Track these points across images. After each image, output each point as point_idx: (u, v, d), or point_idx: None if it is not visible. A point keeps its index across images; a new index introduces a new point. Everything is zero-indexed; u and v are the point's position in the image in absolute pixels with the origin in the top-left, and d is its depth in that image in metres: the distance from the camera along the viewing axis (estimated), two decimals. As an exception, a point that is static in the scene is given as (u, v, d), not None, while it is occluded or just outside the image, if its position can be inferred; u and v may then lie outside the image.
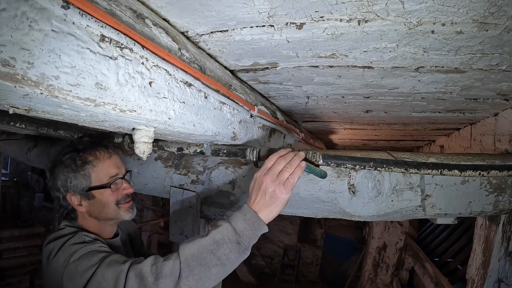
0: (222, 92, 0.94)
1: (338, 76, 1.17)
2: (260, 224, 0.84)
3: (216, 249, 0.81)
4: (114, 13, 0.55)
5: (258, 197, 0.86)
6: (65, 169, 1.03)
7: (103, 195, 1.05)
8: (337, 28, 0.77)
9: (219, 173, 1.50)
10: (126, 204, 1.10)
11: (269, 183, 0.85)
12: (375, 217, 1.29)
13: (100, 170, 1.05)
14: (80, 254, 0.89)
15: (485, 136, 1.74)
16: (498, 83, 1.14)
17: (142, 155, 0.84)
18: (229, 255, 0.81)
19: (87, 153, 1.05)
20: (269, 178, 0.85)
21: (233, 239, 0.82)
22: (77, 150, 1.06)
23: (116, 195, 1.08)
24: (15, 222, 6.41)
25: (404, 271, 4.57)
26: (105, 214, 1.07)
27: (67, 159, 1.04)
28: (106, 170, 1.06)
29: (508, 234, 1.36)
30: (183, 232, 1.61)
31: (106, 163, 1.07)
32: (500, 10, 0.66)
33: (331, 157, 1.04)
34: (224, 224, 0.84)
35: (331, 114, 1.98)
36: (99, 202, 1.05)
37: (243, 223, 0.84)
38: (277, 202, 0.85)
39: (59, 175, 1.03)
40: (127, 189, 1.11)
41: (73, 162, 1.03)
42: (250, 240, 0.84)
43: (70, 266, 0.87)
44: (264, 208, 0.85)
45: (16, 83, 0.44)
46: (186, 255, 0.82)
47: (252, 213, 0.85)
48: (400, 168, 1.06)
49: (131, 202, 1.13)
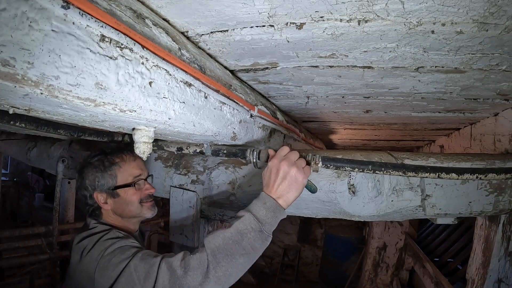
0: (222, 92, 0.94)
1: (338, 76, 1.17)
2: (280, 210, 0.88)
3: (240, 239, 0.84)
4: (114, 13, 0.55)
5: (277, 182, 0.89)
6: (93, 169, 1.12)
7: (127, 193, 1.13)
8: (337, 28, 0.77)
9: (219, 173, 1.50)
10: (148, 203, 1.19)
11: (288, 167, 0.89)
12: (375, 217, 1.29)
13: (125, 171, 1.14)
14: (114, 247, 0.94)
15: (485, 136, 1.74)
16: (498, 83, 1.14)
17: (142, 155, 0.84)
18: (254, 243, 0.84)
19: (114, 156, 1.15)
20: (288, 163, 0.89)
21: (256, 227, 0.85)
22: (105, 153, 1.15)
23: (139, 194, 1.16)
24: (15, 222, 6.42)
25: (404, 271, 4.57)
26: (128, 211, 1.14)
27: (96, 160, 1.13)
28: (131, 171, 1.15)
29: (508, 234, 1.36)
30: (183, 232, 1.61)
31: (131, 164, 1.16)
32: (500, 10, 0.66)
33: (330, 160, 1.04)
34: (246, 214, 0.87)
35: (331, 114, 1.98)
36: (124, 200, 1.13)
37: (264, 211, 0.87)
38: (296, 186, 0.89)
39: (87, 175, 1.12)
40: (149, 189, 1.19)
41: (101, 164, 1.12)
42: (271, 227, 0.87)
43: (104, 259, 0.91)
44: (284, 193, 0.89)
45: (16, 83, 0.44)
46: (212, 247, 0.84)
47: (271, 200, 0.88)
48: (398, 172, 1.07)
49: (153, 201, 1.22)
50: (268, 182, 0.91)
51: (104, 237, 1.01)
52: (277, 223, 0.89)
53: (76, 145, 2.11)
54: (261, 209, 0.87)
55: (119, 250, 0.93)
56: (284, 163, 0.89)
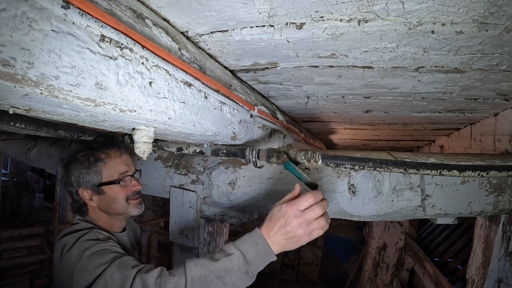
0: (222, 92, 0.94)
1: (338, 76, 1.17)
2: (270, 256, 0.84)
3: (224, 276, 0.81)
4: (114, 13, 0.55)
5: (279, 234, 0.84)
6: (79, 165, 1.10)
7: (112, 190, 1.11)
8: (337, 28, 0.77)
9: (219, 173, 1.50)
10: (134, 200, 1.16)
11: (297, 229, 0.82)
12: (375, 217, 1.29)
13: (111, 167, 1.12)
14: (93, 250, 0.93)
15: (485, 136, 1.74)
16: (498, 83, 1.14)
17: (142, 155, 0.84)
18: (236, 282, 0.82)
19: (99, 151, 1.12)
20: (299, 223, 0.82)
21: (242, 269, 0.82)
22: (90, 148, 1.13)
23: (126, 191, 1.14)
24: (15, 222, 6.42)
25: (404, 271, 4.57)
26: (114, 208, 1.13)
27: (81, 156, 1.11)
28: (117, 167, 1.13)
29: (508, 234, 1.36)
30: (183, 232, 1.61)
31: (116, 161, 1.14)
32: (500, 10, 0.66)
33: (330, 157, 1.04)
34: (235, 253, 0.83)
35: (331, 114, 1.98)
36: (109, 197, 1.11)
37: (254, 252, 0.83)
38: (295, 245, 0.85)
39: (73, 171, 1.11)
40: (136, 186, 1.17)
41: (86, 159, 1.10)
42: (257, 269, 0.84)
43: (82, 261, 0.90)
44: (279, 244, 0.85)
45: (16, 83, 0.44)
46: (193, 276, 0.82)
47: (265, 244, 0.84)
48: (399, 169, 1.06)
49: (140, 198, 1.19)
50: (271, 226, 0.85)
51: (84, 237, 0.99)
52: (264, 266, 0.85)
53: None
54: (252, 249, 0.83)
55: (97, 254, 0.91)
56: (297, 222, 0.82)
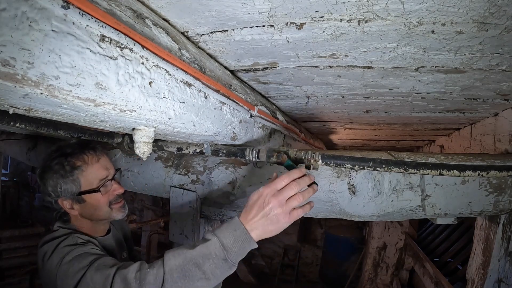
0: (222, 92, 0.94)
1: (338, 76, 1.17)
2: (249, 242, 0.81)
3: (201, 263, 0.79)
4: (114, 13, 0.55)
5: (258, 216, 0.82)
6: (54, 174, 1.03)
7: (93, 198, 1.06)
8: (337, 28, 0.77)
9: (219, 173, 1.50)
10: (117, 204, 1.11)
11: (275, 206, 0.81)
12: (375, 217, 1.29)
13: (89, 174, 1.05)
14: (72, 256, 0.91)
15: (485, 136, 1.74)
16: (498, 83, 1.14)
17: (142, 155, 0.84)
18: (215, 270, 0.80)
19: (75, 158, 1.05)
20: (277, 201, 0.81)
21: (220, 255, 0.79)
22: (65, 154, 1.05)
23: (107, 196, 1.09)
24: (15, 222, 6.42)
25: (404, 271, 4.57)
26: (97, 216, 1.09)
27: (55, 164, 1.03)
28: (95, 173, 1.07)
29: (508, 234, 1.36)
30: (183, 232, 1.61)
31: (94, 166, 1.07)
32: (500, 10, 0.66)
33: (330, 157, 1.04)
34: (213, 238, 0.81)
35: (331, 114, 1.98)
36: (91, 205, 1.06)
37: (232, 239, 0.81)
38: (275, 227, 0.83)
39: (48, 181, 1.03)
40: (118, 190, 1.12)
41: (61, 168, 1.03)
42: (237, 257, 0.81)
43: (63, 267, 0.89)
44: (259, 228, 0.82)
45: (16, 83, 0.44)
46: (171, 265, 0.80)
47: (243, 230, 0.81)
48: (399, 168, 1.06)
49: (123, 201, 1.14)
50: (249, 210, 0.84)
51: (62, 243, 0.97)
52: (245, 253, 0.82)
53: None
54: (229, 236, 0.81)
55: (77, 259, 0.90)
56: (275, 200, 0.81)
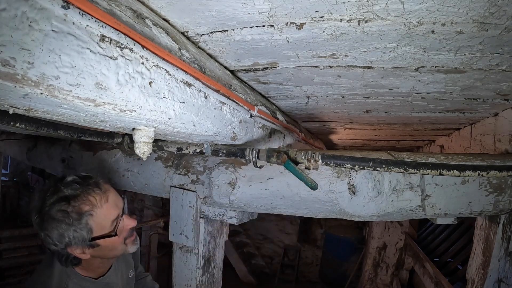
0: (222, 92, 0.94)
1: (338, 76, 1.17)
2: None
3: None
4: (114, 13, 0.55)
5: None
6: (57, 224, 0.89)
7: (108, 241, 0.97)
8: (337, 28, 0.77)
9: (219, 173, 1.50)
10: (131, 238, 1.05)
11: None
12: (375, 217, 1.29)
13: (100, 217, 0.95)
14: None
15: (485, 136, 1.74)
16: (498, 83, 1.14)
17: (142, 155, 0.84)
18: None
19: (80, 201, 0.92)
20: None
21: None
22: (66, 198, 0.91)
23: (122, 235, 1.01)
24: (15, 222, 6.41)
25: (404, 271, 4.57)
26: (112, 255, 1.04)
27: (57, 212, 0.89)
28: (107, 216, 0.96)
29: (508, 234, 1.36)
30: (183, 232, 1.61)
31: (104, 208, 0.96)
32: (500, 10, 0.66)
33: (330, 157, 1.03)
34: None
35: (331, 114, 1.98)
36: (105, 248, 0.98)
37: None
38: None
39: (52, 231, 0.89)
40: (131, 224, 1.04)
41: (66, 216, 0.89)
42: None
43: None
44: None
45: (16, 83, 0.44)
46: None
47: None
48: (399, 168, 1.06)
49: (135, 233, 1.08)
50: None
51: None
52: None
53: (76, 145, 2.11)
54: None
55: None
56: None
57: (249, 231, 7.24)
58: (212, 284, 1.73)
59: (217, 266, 1.76)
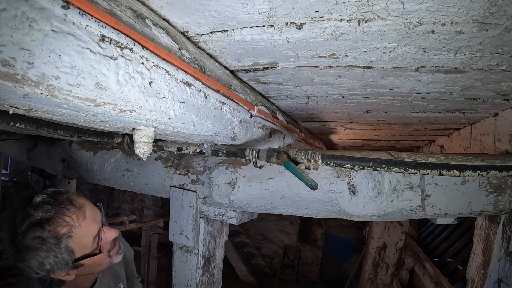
0: (222, 92, 0.94)
1: (338, 76, 1.17)
2: None
3: None
4: (114, 13, 0.55)
5: None
6: (35, 253, 0.80)
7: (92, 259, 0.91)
8: (337, 28, 0.77)
9: (219, 173, 1.50)
10: (115, 249, 1.00)
11: None
12: (375, 217, 1.29)
13: (81, 237, 0.87)
14: None
15: (485, 136, 1.74)
16: (498, 83, 1.14)
17: (142, 155, 0.84)
18: None
19: (55, 224, 0.83)
20: None
21: None
22: (40, 223, 0.81)
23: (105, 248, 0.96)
24: (15, 222, 6.40)
25: (404, 271, 4.57)
26: (98, 270, 1.00)
27: (32, 240, 0.80)
28: (87, 233, 0.89)
29: (508, 234, 1.36)
30: (183, 232, 1.61)
31: (83, 226, 0.87)
32: (500, 10, 0.66)
33: (330, 157, 1.03)
34: None
35: (331, 114, 1.98)
36: (90, 266, 0.92)
37: None
38: None
39: (30, 261, 0.81)
40: (113, 235, 0.98)
41: (43, 243, 0.80)
42: None
43: None
44: None
45: (16, 83, 0.44)
46: None
47: None
48: (399, 168, 1.06)
49: (118, 243, 1.03)
50: None
51: None
52: None
53: (76, 145, 2.11)
54: None
55: None
56: None
57: (249, 231, 7.24)
58: (212, 284, 1.73)
59: (217, 266, 1.76)
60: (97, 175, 1.95)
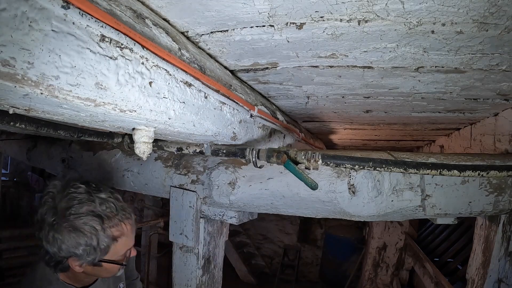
0: (222, 92, 0.94)
1: (338, 76, 1.17)
2: None
3: None
4: (114, 13, 0.55)
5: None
6: (79, 235, 0.85)
7: (112, 266, 0.96)
8: (337, 28, 0.77)
9: (219, 173, 1.50)
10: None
11: None
12: (375, 217, 1.29)
13: (121, 245, 0.94)
14: None
15: (485, 136, 1.74)
16: (498, 83, 1.14)
17: (142, 155, 0.84)
18: None
19: (113, 225, 0.90)
20: None
21: None
22: (100, 217, 0.88)
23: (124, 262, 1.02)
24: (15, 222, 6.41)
25: (404, 271, 4.57)
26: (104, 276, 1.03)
27: (84, 225, 0.85)
28: (126, 245, 0.97)
29: (508, 234, 1.36)
30: (183, 232, 1.61)
31: (128, 236, 0.96)
32: (500, 10, 0.66)
33: (330, 157, 1.03)
34: None
35: (331, 114, 1.98)
36: (105, 270, 0.96)
37: None
38: None
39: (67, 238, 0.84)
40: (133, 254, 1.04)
41: (93, 233, 0.86)
42: None
43: None
44: None
45: (16, 83, 0.44)
46: None
47: None
48: (399, 168, 1.06)
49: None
50: None
51: None
52: None
53: (76, 145, 2.11)
54: None
55: None
56: None
57: (249, 231, 7.24)
58: (212, 284, 1.73)
59: (217, 266, 1.76)
60: (97, 175, 1.95)
